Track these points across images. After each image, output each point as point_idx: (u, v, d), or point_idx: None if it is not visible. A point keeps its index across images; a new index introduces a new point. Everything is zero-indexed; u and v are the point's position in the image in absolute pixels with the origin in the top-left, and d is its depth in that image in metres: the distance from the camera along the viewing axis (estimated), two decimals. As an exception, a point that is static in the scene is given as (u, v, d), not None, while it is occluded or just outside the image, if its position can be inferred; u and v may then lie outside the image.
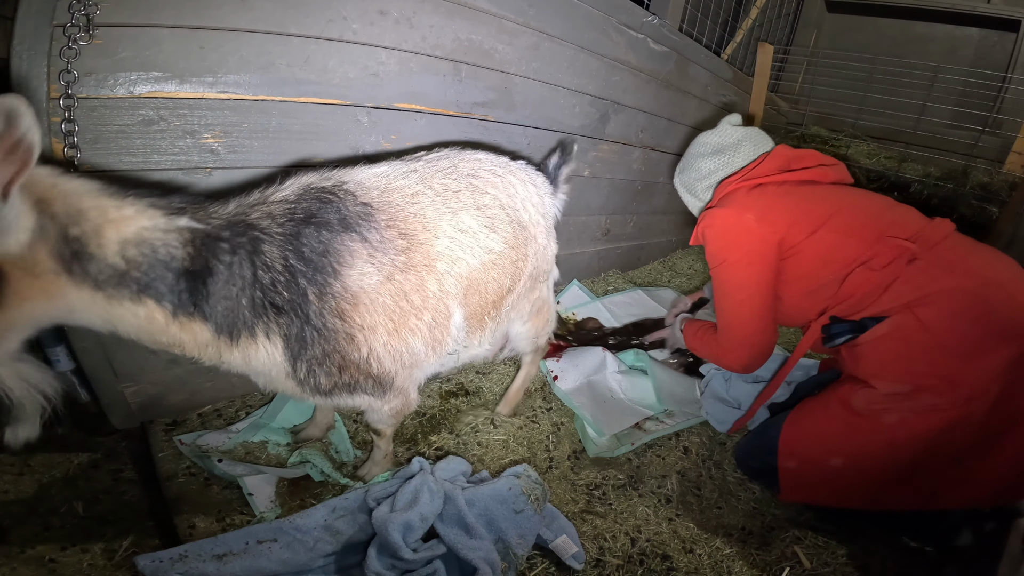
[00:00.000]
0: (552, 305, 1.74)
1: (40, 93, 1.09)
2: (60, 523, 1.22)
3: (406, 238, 1.15)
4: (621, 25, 2.18)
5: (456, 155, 1.37)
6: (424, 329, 1.20)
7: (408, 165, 1.27)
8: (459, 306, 1.27)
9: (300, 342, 1.05)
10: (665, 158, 2.83)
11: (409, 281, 1.15)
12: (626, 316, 2.34)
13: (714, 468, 1.65)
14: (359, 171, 1.20)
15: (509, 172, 1.43)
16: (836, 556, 1.34)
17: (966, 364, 1.22)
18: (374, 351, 1.13)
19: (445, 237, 1.21)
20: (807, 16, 4.15)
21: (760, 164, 1.61)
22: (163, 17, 1.17)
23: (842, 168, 1.67)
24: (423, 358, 1.24)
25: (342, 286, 1.06)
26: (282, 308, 1.02)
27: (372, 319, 1.10)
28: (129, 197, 0.90)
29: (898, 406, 1.28)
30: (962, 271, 1.28)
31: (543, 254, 1.53)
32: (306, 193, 1.08)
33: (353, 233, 1.08)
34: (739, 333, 1.55)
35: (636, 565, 1.29)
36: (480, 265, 1.28)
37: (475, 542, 1.16)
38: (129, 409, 1.44)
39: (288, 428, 1.55)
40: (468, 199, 1.29)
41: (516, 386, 1.76)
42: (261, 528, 1.16)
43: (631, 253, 2.99)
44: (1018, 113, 3.02)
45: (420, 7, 1.54)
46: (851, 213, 1.45)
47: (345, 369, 1.11)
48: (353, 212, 1.10)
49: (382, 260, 1.11)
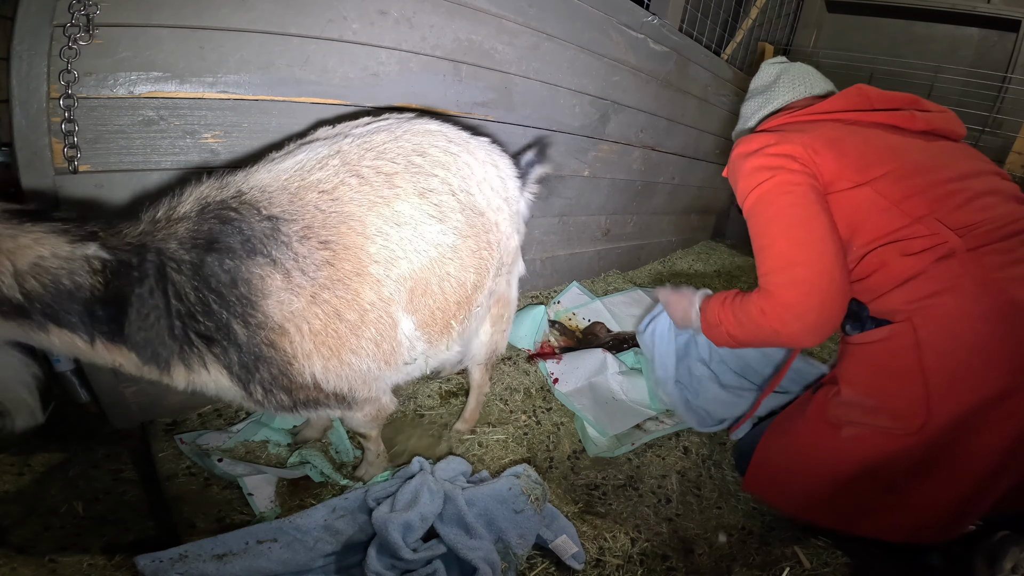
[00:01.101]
0: (514, 307, 1.56)
1: (40, 93, 1.09)
2: (60, 523, 1.22)
3: (328, 247, 1.01)
4: (621, 25, 2.18)
5: (399, 125, 1.17)
6: (368, 346, 1.08)
7: (331, 147, 1.09)
8: (406, 313, 1.13)
9: (244, 368, 0.99)
10: (665, 158, 2.84)
11: (339, 298, 1.02)
12: (626, 316, 2.34)
13: (714, 468, 1.65)
14: (264, 170, 1.05)
15: (466, 150, 1.24)
16: (836, 556, 1.34)
17: (942, 397, 1.08)
18: (316, 376, 1.04)
19: (378, 236, 1.05)
20: (807, 16, 4.15)
21: (826, 101, 1.35)
22: (163, 17, 1.17)
23: (943, 117, 1.34)
24: (377, 373, 1.13)
25: (264, 315, 0.97)
26: (212, 338, 0.96)
27: (305, 346, 1.00)
28: (28, 224, 0.85)
29: (857, 418, 1.21)
30: (992, 290, 1.06)
31: (506, 245, 1.35)
32: (206, 210, 0.97)
33: (259, 257, 0.96)
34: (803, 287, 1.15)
35: (636, 565, 1.29)
36: (428, 263, 1.13)
37: (475, 542, 1.16)
38: (129, 409, 1.44)
39: (288, 428, 1.55)
40: (407, 184, 1.10)
41: (473, 405, 1.62)
42: (261, 528, 1.16)
43: (631, 253, 2.99)
44: (1018, 113, 3.02)
45: (420, 7, 1.54)
46: (910, 177, 1.18)
47: (297, 390, 1.05)
48: (258, 231, 0.96)
49: (300, 282, 0.98)
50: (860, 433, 1.20)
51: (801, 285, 1.16)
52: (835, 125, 1.29)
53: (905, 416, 1.13)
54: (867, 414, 1.20)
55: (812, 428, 1.31)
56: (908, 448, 1.13)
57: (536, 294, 2.43)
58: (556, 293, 2.44)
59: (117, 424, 1.46)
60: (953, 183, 1.19)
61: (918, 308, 1.12)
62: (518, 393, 1.82)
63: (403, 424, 1.64)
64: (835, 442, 1.24)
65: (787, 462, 1.36)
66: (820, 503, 1.28)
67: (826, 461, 1.26)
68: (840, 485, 1.23)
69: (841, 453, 1.23)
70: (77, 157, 1.14)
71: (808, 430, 1.32)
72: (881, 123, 1.31)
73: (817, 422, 1.30)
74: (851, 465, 1.21)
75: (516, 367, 1.93)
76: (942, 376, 1.09)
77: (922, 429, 1.10)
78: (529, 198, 1.51)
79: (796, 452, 1.34)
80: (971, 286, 1.08)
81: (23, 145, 1.10)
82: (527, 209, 1.51)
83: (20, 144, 1.10)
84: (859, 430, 1.20)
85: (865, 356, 1.23)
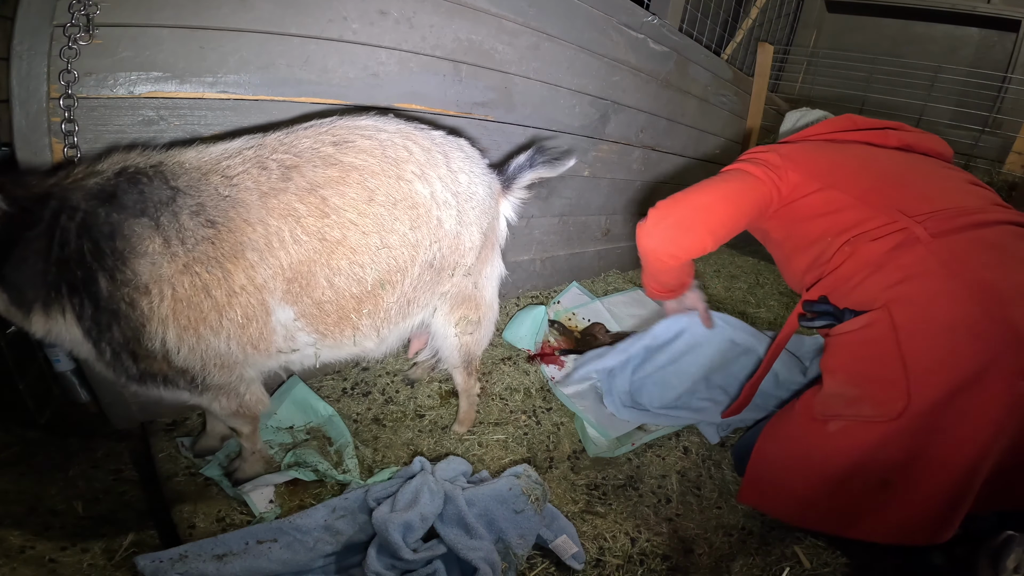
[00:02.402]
0: (487, 309, 1.52)
1: (40, 93, 1.09)
2: (60, 523, 1.22)
3: (214, 226, 1.05)
4: (621, 25, 2.18)
5: (334, 121, 1.21)
6: (230, 327, 1.10)
7: (259, 139, 1.15)
8: (284, 302, 1.14)
9: (96, 325, 1.03)
10: (665, 158, 2.83)
11: (211, 274, 1.06)
12: (626, 316, 2.34)
13: (714, 468, 1.65)
14: (194, 149, 1.11)
15: (406, 136, 1.23)
16: (836, 556, 1.34)
17: (921, 379, 1.09)
18: (168, 345, 1.06)
19: (259, 224, 1.08)
20: (807, 16, 4.16)
21: (815, 126, 1.58)
22: (163, 17, 1.17)
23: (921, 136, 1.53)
24: (237, 357, 1.14)
25: (132, 273, 1.01)
26: (76, 287, 1.01)
27: (163, 311, 1.04)
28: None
29: (840, 410, 1.21)
30: (960, 272, 1.12)
31: (452, 242, 1.31)
32: (123, 172, 1.04)
33: (145, 219, 1.02)
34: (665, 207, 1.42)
35: (636, 565, 1.29)
36: (310, 255, 1.13)
37: (475, 542, 1.16)
38: (129, 409, 1.44)
39: (286, 428, 1.55)
40: (304, 176, 1.12)
41: (464, 407, 1.63)
42: (261, 528, 1.16)
43: (631, 253, 2.99)
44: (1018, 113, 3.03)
45: (420, 7, 1.54)
46: (874, 177, 1.34)
47: (146, 358, 1.07)
48: (155, 196, 1.03)
49: (177, 251, 1.03)
50: (846, 426, 1.20)
51: (668, 199, 1.45)
52: (817, 143, 1.52)
53: (886, 401, 1.13)
54: (849, 404, 1.20)
55: (801, 427, 1.31)
56: (893, 435, 1.13)
57: (536, 294, 2.43)
58: (556, 293, 2.44)
59: (117, 424, 1.46)
60: (917, 182, 1.33)
61: (892, 295, 1.17)
62: (518, 393, 1.82)
63: (403, 424, 1.64)
64: (824, 439, 1.24)
65: (781, 467, 1.35)
66: (816, 507, 1.27)
67: (818, 461, 1.25)
68: (834, 485, 1.22)
69: (831, 450, 1.22)
70: (77, 157, 1.14)
71: (797, 430, 1.32)
72: (858, 140, 1.51)
73: (805, 420, 1.30)
74: (842, 461, 1.21)
75: (516, 367, 1.93)
76: (919, 358, 1.11)
77: (904, 413, 1.11)
78: (515, 201, 1.48)
79: (788, 456, 1.33)
80: (939, 269, 1.14)
81: (23, 145, 1.11)
82: (513, 211, 1.49)
83: (20, 144, 1.10)
84: (845, 423, 1.21)
85: (845, 345, 1.26)
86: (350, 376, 1.79)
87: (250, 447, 1.34)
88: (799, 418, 1.32)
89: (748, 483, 1.42)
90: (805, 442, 1.29)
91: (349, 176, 1.15)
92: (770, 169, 1.41)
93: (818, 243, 1.35)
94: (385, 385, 1.77)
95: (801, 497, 1.29)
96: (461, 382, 1.58)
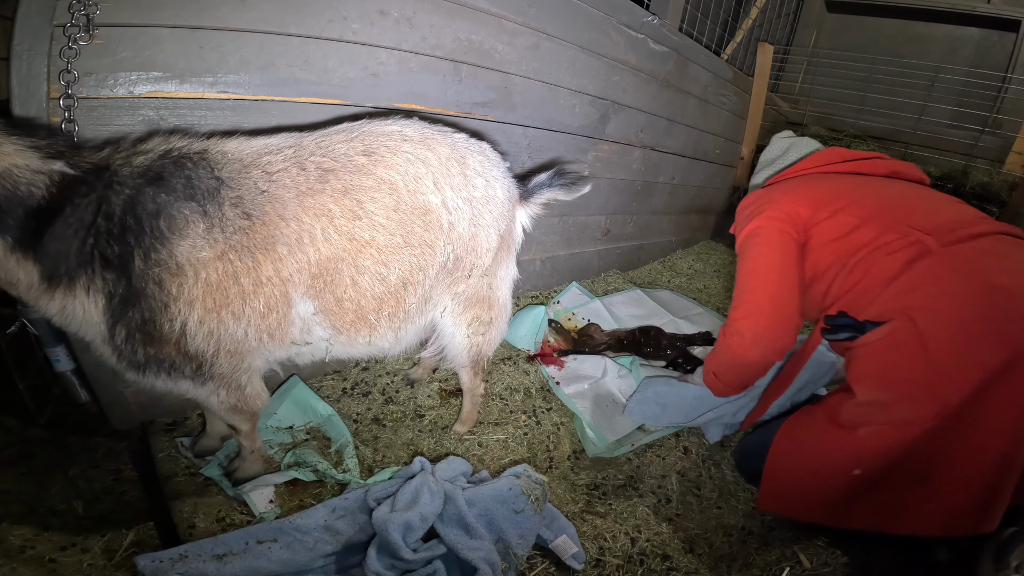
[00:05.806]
0: (501, 311, 1.53)
1: (40, 93, 1.09)
2: (60, 523, 1.22)
3: (250, 218, 1.10)
4: (621, 25, 2.18)
5: (363, 126, 1.25)
6: (252, 315, 1.14)
7: (294, 139, 1.20)
8: (306, 296, 1.19)
9: (123, 303, 1.04)
10: (665, 158, 2.84)
11: (243, 263, 1.10)
12: (626, 316, 2.34)
13: (714, 468, 1.65)
14: (235, 141, 1.16)
15: (426, 147, 1.27)
16: (836, 556, 1.34)
17: (951, 376, 1.15)
18: (188, 327, 1.09)
19: (294, 221, 1.13)
20: (807, 16, 4.15)
21: (805, 160, 1.67)
22: (163, 17, 1.18)
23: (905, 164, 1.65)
24: (250, 345, 1.17)
25: (168, 253, 1.04)
26: (110, 262, 1.02)
27: (193, 292, 1.07)
28: (14, 136, 0.95)
29: (874, 417, 1.24)
30: (971, 275, 1.20)
31: (468, 244, 1.35)
32: (167, 155, 1.07)
33: (194, 203, 1.06)
34: (754, 317, 1.43)
35: (636, 565, 1.29)
36: (338, 253, 1.18)
37: (475, 542, 1.16)
38: (129, 409, 1.44)
39: (285, 428, 1.55)
40: (339, 180, 1.18)
41: (467, 407, 1.64)
42: (261, 528, 1.16)
43: (631, 253, 2.99)
44: (1018, 113, 3.02)
45: (420, 7, 1.54)
46: (876, 199, 1.43)
47: (156, 342, 1.09)
48: (202, 183, 1.07)
49: (217, 237, 1.07)
50: (878, 429, 1.24)
51: (745, 307, 1.46)
52: (811, 176, 1.62)
53: (921, 403, 1.19)
54: (884, 410, 1.24)
55: (826, 435, 1.32)
56: (928, 433, 1.17)
57: (536, 294, 2.43)
58: (556, 293, 2.44)
59: (117, 424, 1.46)
60: (915, 200, 1.44)
61: (912, 302, 1.24)
62: (518, 393, 1.82)
63: (403, 424, 1.64)
64: (855, 443, 1.26)
65: (805, 474, 1.35)
66: (852, 508, 1.28)
67: (850, 465, 1.27)
68: (870, 485, 1.25)
69: (864, 453, 1.25)
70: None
71: (823, 439, 1.33)
72: (850, 171, 1.61)
73: (831, 427, 1.32)
74: (878, 463, 1.24)
75: (516, 367, 1.93)
76: (946, 356, 1.17)
77: (940, 413, 1.16)
78: (531, 213, 1.50)
79: (814, 463, 1.34)
80: (951, 275, 1.22)
81: (23, 145, 1.10)
82: (528, 220, 1.51)
83: (20, 144, 1.10)
84: (878, 427, 1.24)
85: (870, 355, 1.30)
86: (350, 376, 1.79)
87: (249, 446, 1.34)
88: (823, 426, 1.34)
89: (766, 491, 1.43)
90: (833, 449, 1.31)
91: (375, 183, 1.21)
92: (786, 219, 1.47)
93: (835, 265, 1.41)
94: (385, 385, 1.77)
95: (833, 500, 1.31)
96: (467, 381, 1.59)
